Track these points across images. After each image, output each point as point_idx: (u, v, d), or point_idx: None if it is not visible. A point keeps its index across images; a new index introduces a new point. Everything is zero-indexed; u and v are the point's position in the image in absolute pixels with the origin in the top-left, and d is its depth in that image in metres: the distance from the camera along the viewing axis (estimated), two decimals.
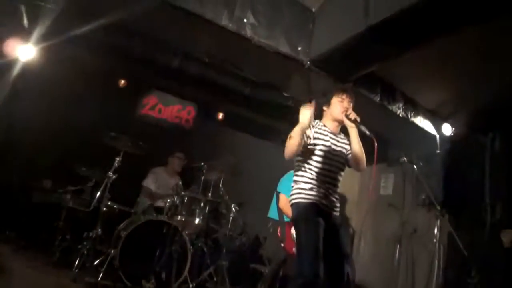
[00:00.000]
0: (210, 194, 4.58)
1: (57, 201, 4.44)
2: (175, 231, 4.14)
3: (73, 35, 3.69)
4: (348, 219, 5.99)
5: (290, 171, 3.97)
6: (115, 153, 4.24)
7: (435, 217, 4.29)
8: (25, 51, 4.03)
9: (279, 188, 4.02)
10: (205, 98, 5.80)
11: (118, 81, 5.37)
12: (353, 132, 2.73)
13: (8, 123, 4.50)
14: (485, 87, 4.07)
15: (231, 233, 4.73)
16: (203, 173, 4.62)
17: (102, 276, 3.67)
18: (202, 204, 4.62)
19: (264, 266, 4.48)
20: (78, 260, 3.75)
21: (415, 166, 4.42)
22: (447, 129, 4.82)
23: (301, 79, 4.33)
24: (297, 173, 2.76)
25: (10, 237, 4.49)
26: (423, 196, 4.92)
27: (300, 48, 3.77)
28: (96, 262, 3.88)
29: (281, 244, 3.73)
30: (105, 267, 3.74)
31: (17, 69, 4.12)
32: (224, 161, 4.79)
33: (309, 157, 2.71)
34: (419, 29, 3.04)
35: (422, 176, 4.44)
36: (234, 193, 4.95)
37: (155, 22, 3.93)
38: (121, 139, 4.22)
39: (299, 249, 2.53)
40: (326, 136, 2.77)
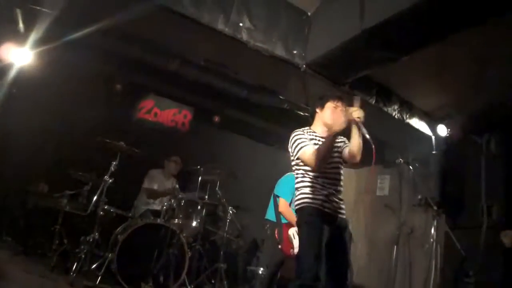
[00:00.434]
0: (207, 197, 4.58)
1: (54, 205, 4.41)
2: (172, 234, 4.15)
3: (69, 39, 3.70)
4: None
5: (287, 174, 3.99)
6: (111, 157, 4.24)
7: (431, 218, 4.31)
8: (21, 56, 4.02)
9: (276, 191, 4.02)
10: (202, 101, 5.81)
11: (115, 85, 5.36)
12: (355, 128, 2.68)
13: (3, 128, 4.47)
14: (481, 90, 4.11)
15: (228, 236, 4.74)
16: (200, 176, 4.63)
17: (100, 280, 3.67)
18: (199, 207, 4.63)
19: (261, 268, 4.48)
20: (75, 264, 3.73)
21: (411, 167, 4.44)
22: (442, 130, 4.86)
23: (297, 83, 4.36)
24: (297, 178, 2.77)
25: (7, 242, 4.47)
26: (420, 197, 4.94)
27: (296, 51, 3.80)
28: (93, 266, 3.88)
29: (279, 246, 3.74)
30: (103, 271, 3.74)
31: (12, 73, 4.11)
32: (220, 164, 4.80)
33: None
34: (414, 33, 3.08)
35: (418, 177, 4.46)
36: (231, 196, 4.96)
37: (151, 27, 3.95)
38: (117, 143, 4.22)
39: (301, 252, 2.58)
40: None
